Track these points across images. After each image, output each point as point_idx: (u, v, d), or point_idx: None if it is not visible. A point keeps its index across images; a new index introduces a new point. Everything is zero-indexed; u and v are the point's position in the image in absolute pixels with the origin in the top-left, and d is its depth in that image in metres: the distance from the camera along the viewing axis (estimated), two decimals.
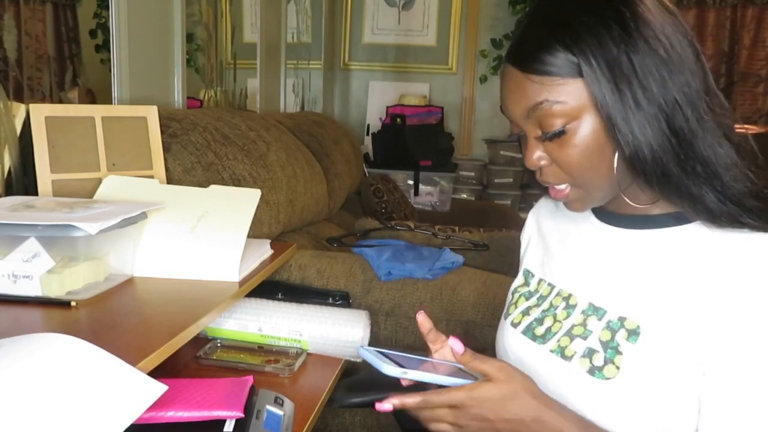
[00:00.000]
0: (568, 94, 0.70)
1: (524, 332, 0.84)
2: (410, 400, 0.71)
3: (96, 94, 1.64)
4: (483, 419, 0.70)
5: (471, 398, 0.70)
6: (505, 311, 0.92)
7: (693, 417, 0.70)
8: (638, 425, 0.71)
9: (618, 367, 0.72)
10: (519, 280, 0.93)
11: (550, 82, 0.70)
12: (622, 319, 0.74)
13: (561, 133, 0.71)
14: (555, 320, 0.81)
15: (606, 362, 0.73)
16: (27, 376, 0.60)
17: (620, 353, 0.72)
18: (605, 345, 0.74)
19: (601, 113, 0.69)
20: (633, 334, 0.73)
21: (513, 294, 0.92)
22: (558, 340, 0.78)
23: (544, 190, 0.87)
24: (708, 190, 0.69)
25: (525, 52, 0.72)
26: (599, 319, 0.76)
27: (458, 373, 0.75)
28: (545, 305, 0.84)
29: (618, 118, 0.68)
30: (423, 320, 0.81)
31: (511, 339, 0.86)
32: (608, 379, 0.72)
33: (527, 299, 0.88)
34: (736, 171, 0.69)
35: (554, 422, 0.70)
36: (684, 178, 0.69)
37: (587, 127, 0.70)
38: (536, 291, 0.88)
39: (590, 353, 0.74)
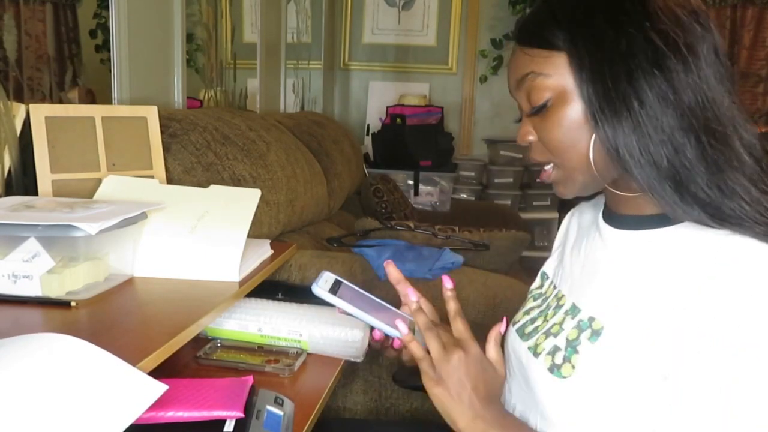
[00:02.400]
0: (552, 68, 0.71)
1: (517, 330, 0.86)
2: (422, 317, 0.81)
3: (96, 94, 1.64)
4: (460, 371, 0.76)
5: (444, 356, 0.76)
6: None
7: (651, 420, 0.67)
8: (595, 425, 0.70)
9: (573, 366, 0.72)
10: (536, 282, 0.94)
11: (537, 53, 0.72)
12: (591, 319, 0.74)
13: (544, 107, 0.72)
14: (545, 320, 0.82)
15: (564, 360, 0.73)
16: (27, 376, 0.60)
17: (577, 352, 0.72)
18: (569, 343, 0.74)
19: (581, 92, 0.69)
20: (595, 334, 0.72)
21: (528, 295, 0.94)
22: (536, 338, 0.80)
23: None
24: (670, 185, 0.66)
25: (522, 26, 0.75)
26: (572, 318, 0.77)
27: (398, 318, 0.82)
28: (544, 306, 0.85)
29: (595, 103, 0.67)
30: (392, 270, 0.87)
31: (508, 336, 0.88)
32: (564, 377, 0.72)
33: (535, 300, 0.90)
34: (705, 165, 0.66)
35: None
36: (656, 179, 0.66)
37: (568, 104, 0.70)
38: (545, 293, 0.89)
39: (554, 351, 0.75)
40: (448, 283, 0.83)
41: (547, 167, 0.76)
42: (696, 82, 0.65)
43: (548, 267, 0.94)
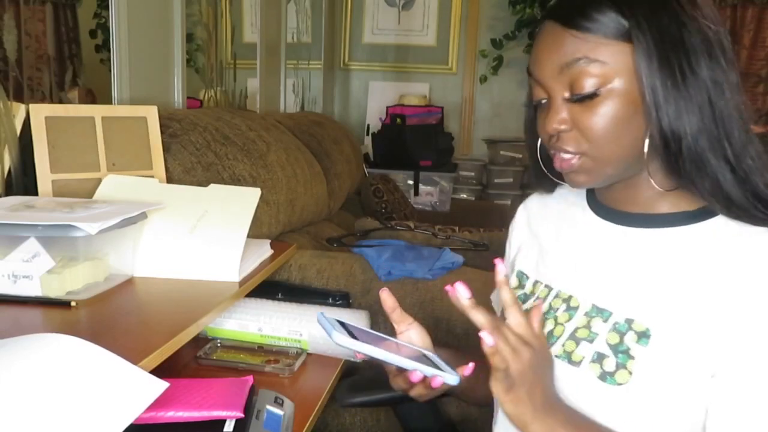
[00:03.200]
0: (609, 56, 0.67)
1: None
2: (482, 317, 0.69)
3: (96, 94, 1.64)
4: (534, 363, 0.68)
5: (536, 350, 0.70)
6: (501, 316, 0.87)
7: (701, 420, 0.69)
8: (650, 428, 0.70)
9: (630, 372, 0.70)
10: (513, 282, 0.89)
11: (593, 39, 0.68)
12: (629, 321, 0.72)
13: (593, 96, 0.68)
14: (556, 323, 0.78)
15: (618, 367, 0.70)
16: (27, 376, 0.60)
17: (632, 357, 0.70)
18: (614, 349, 0.71)
19: (641, 84, 0.67)
20: (643, 336, 0.70)
21: None
22: (563, 345, 0.76)
23: (544, 186, 0.86)
24: (732, 180, 0.68)
25: (571, 7, 0.69)
26: (604, 321, 0.74)
27: (421, 358, 0.73)
28: (544, 308, 0.81)
29: (660, 93, 0.66)
30: (387, 297, 0.78)
31: None
32: (620, 384, 0.70)
33: (524, 302, 0.84)
34: (759, 164, 0.69)
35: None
36: (715, 165, 0.68)
37: (621, 95, 0.68)
38: (532, 293, 0.85)
39: (600, 358, 0.72)
40: (465, 292, 0.70)
41: (575, 157, 0.72)
42: (734, 75, 0.69)
43: (524, 265, 0.88)
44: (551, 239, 0.86)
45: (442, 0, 3.93)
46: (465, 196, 3.72)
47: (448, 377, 0.71)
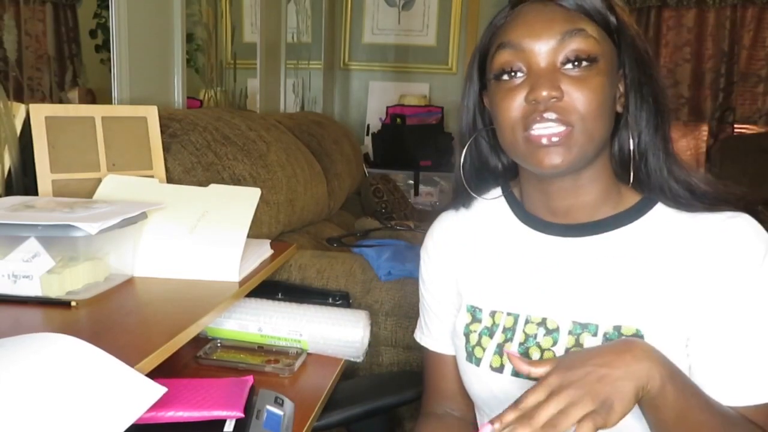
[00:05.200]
0: (602, 40, 0.73)
1: (515, 374, 0.77)
2: (509, 416, 0.61)
3: (96, 94, 1.64)
4: (582, 372, 0.62)
5: (560, 366, 0.64)
6: (465, 355, 0.83)
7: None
8: None
9: None
10: (465, 318, 0.84)
11: (589, 20, 0.73)
12: (618, 328, 0.73)
13: (589, 62, 0.71)
14: (542, 350, 0.76)
15: None
16: (27, 377, 0.60)
17: None
18: None
19: (622, 74, 0.75)
20: (635, 337, 0.71)
21: (467, 335, 0.83)
22: None
23: (465, 197, 0.87)
24: (671, 172, 0.76)
25: None
26: (594, 335, 0.74)
27: None
28: (519, 337, 0.78)
29: (635, 85, 0.74)
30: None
31: (502, 386, 0.79)
32: None
33: (491, 337, 0.80)
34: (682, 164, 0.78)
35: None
36: (662, 158, 0.76)
37: (607, 76, 0.72)
38: (495, 325, 0.80)
39: None
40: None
41: (561, 129, 0.70)
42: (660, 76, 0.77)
43: (471, 298, 0.84)
44: (490, 262, 0.84)
45: (442, 0, 3.93)
46: None
47: None
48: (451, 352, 0.90)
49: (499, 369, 0.79)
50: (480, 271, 0.85)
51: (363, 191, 2.81)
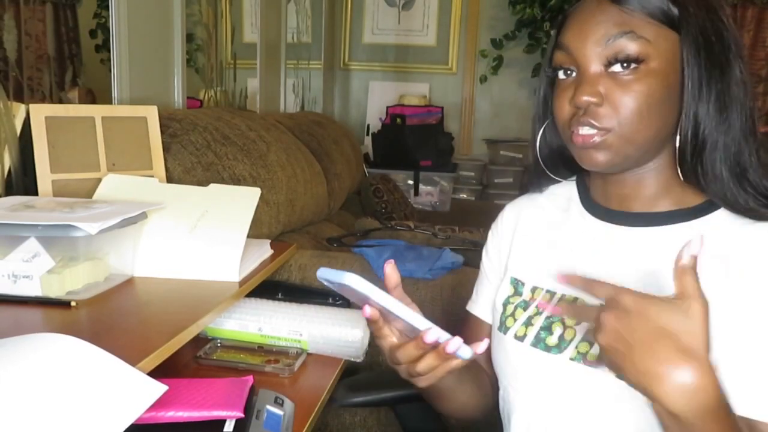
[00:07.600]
0: (654, 37, 0.69)
1: (534, 344, 0.79)
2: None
3: (96, 94, 1.64)
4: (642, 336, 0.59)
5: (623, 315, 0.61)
6: (498, 324, 0.86)
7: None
8: None
9: None
10: (507, 290, 0.87)
11: (641, 17, 0.70)
12: None
13: (636, 63, 0.69)
14: (565, 327, 0.77)
15: None
16: (27, 376, 0.60)
17: None
18: None
19: (682, 71, 0.70)
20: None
21: (505, 306, 0.86)
22: (576, 347, 0.75)
23: (540, 181, 0.87)
24: (738, 177, 0.71)
25: None
26: None
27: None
28: (547, 312, 0.80)
29: (698, 83, 0.70)
30: (391, 272, 0.74)
31: (519, 354, 0.81)
32: None
33: (524, 309, 0.83)
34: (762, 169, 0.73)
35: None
36: (728, 163, 0.71)
37: (658, 77, 0.70)
38: (532, 300, 0.83)
39: None
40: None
41: (599, 133, 0.71)
42: (750, 82, 0.72)
43: (517, 272, 0.87)
44: (545, 242, 0.86)
45: (442, 0, 3.93)
46: (465, 196, 3.72)
47: (463, 347, 0.65)
48: (489, 320, 0.92)
49: (521, 338, 0.81)
50: (531, 248, 0.87)
51: (363, 191, 2.81)
